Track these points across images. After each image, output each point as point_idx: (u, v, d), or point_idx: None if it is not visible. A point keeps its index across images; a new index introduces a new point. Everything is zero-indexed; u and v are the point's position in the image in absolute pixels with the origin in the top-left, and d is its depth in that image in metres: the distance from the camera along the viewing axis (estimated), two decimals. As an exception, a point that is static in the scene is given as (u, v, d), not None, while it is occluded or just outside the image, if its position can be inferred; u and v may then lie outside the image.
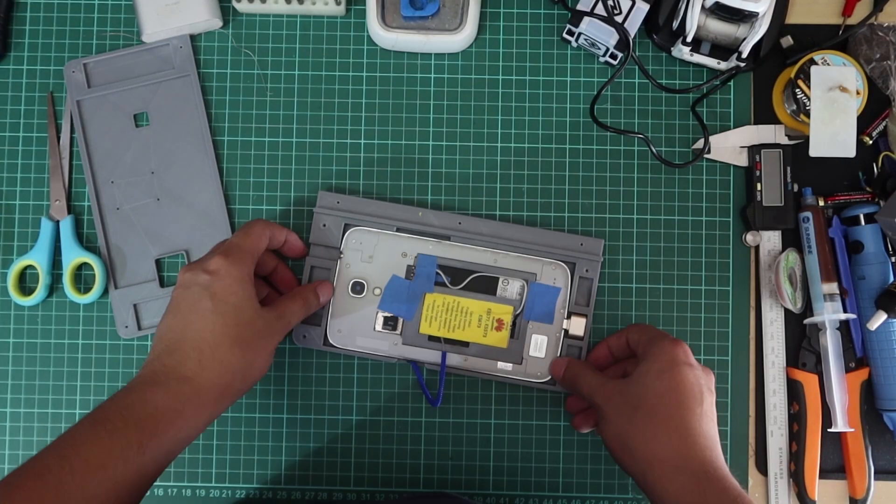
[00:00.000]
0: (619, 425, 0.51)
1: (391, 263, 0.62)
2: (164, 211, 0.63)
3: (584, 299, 0.62)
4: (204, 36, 0.65)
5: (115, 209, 0.63)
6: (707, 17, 0.60)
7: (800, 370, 0.62)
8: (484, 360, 0.61)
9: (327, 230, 0.62)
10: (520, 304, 0.62)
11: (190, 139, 0.63)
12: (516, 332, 0.61)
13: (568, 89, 0.65)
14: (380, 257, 0.62)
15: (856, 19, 0.64)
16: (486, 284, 0.62)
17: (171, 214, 0.63)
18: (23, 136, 0.64)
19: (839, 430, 0.60)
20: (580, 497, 0.62)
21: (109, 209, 0.63)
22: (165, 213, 0.63)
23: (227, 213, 0.63)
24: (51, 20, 0.65)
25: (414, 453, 0.63)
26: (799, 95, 0.60)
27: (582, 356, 0.61)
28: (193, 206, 0.63)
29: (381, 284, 0.62)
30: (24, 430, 0.63)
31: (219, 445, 0.63)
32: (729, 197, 0.64)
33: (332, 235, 0.62)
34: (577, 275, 0.62)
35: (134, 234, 0.63)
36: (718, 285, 0.63)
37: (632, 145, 0.64)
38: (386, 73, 0.65)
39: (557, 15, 0.65)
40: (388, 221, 0.62)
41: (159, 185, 0.63)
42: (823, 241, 0.61)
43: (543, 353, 0.61)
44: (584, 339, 0.61)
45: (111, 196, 0.63)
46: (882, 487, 0.61)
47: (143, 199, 0.63)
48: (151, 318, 0.63)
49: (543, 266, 0.62)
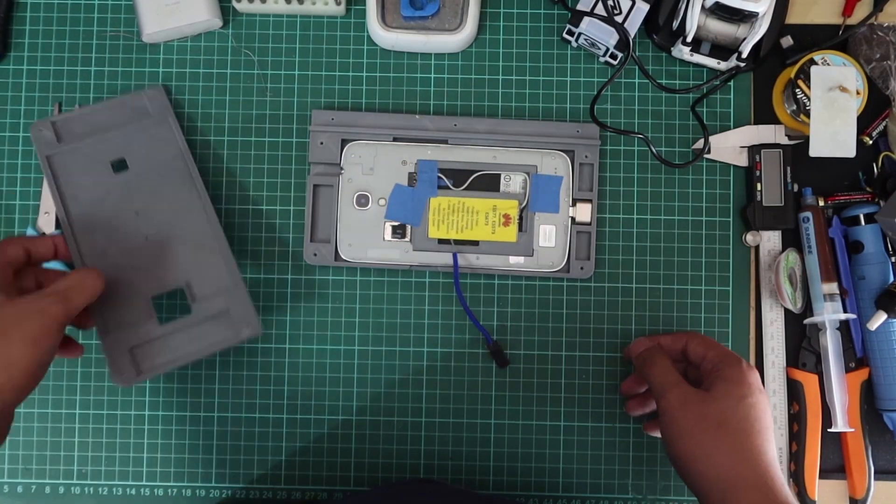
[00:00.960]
0: (697, 438, 0.51)
1: (392, 173, 0.63)
2: (154, 249, 0.59)
3: (587, 185, 0.63)
4: (204, 36, 0.65)
5: (99, 254, 0.58)
6: (707, 17, 0.60)
7: (800, 370, 0.62)
8: (495, 256, 0.62)
9: (325, 147, 0.62)
10: (524, 198, 0.62)
11: (175, 176, 0.60)
12: (524, 225, 0.62)
13: (568, 89, 0.65)
14: (380, 168, 0.63)
15: (856, 19, 0.64)
16: (489, 182, 0.63)
17: (162, 251, 0.59)
18: (22, 136, 0.64)
19: (839, 430, 0.60)
20: (580, 497, 0.62)
21: (93, 256, 0.58)
22: (155, 250, 0.59)
23: (224, 238, 0.59)
24: (51, 20, 0.65)
25: (414, 453, 0.63)
26: (799, 95, 0.60)
27: (591, 243, 0.62)
28: (187, 239, 0.59)
29: (384, 195, 0.62)
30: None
31: (219, 445, 0.63)
32: (729, 197, 0.64)
33: (330, 152, 0.62)
34: (577, 161, 0.62)
35: (123, 276, 0.57)
36: (718, 285, 0.63)
37: (632, 145, 0.64)
38: (386, 73, 0.65)
39: (557, 15, 0.65)
40: (385, 132, 0.63)
41: (146, 224, 0.59)
42: (823, 241, 0.61)
43: (553, 243, 0.62)
44: (591, 225, 0.62)
45: (93, 244, 0.58)
46: (882, 487, 0.61)
47: (130, 240, 0.59)
48: (150, 360, 0.56)
49: (543, 157, 0.63)
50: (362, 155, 0.63)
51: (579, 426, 0.63)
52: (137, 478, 0.63)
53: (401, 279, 0.63)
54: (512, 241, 0.62)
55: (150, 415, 0.63)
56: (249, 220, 0.64)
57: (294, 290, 0.63)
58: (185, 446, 0.63)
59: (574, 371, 0.63)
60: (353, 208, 0.62)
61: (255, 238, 0.64)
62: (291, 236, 0.64)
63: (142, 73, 0.65)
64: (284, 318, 0.63)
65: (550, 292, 0.63)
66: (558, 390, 0.63)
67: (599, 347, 0.63)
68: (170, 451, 0.63)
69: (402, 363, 0.63)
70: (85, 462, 0.63)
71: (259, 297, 0.63)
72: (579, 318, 0.63)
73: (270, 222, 0.64)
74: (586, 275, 0.62)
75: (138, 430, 0.63)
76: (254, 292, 0.63)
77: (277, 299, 0.63)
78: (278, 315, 0.63)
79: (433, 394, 0.63)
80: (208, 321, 0.57)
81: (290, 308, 0.63)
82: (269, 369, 0.63)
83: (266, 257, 0.64)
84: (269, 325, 0.63)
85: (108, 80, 0.65)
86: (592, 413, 0.63)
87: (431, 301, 0.63)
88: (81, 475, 0.63)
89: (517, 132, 0.63)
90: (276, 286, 0.63)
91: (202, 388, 0.63)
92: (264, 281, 0.63)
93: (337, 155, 0.62)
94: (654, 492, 0.62)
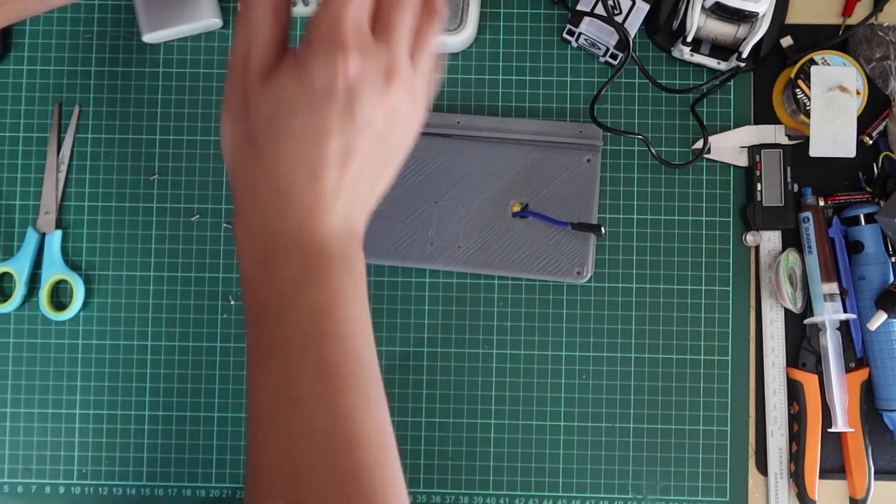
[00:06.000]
0: (237, 151, 0.39)
1: None
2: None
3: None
4: (204, 36, 0.65)
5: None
6: (707, 18, 0.60)
7: (800, 370, 0.62)
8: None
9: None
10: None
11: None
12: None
13: (568, 89, 0.65)
14: None
15: (856, 19, 0.63)
16: None
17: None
18: (23, 137, 0.64)
19: (839, 430, 0.60)
20: (580, 497, 0.62)
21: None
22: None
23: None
24: (51, 20, 0.65)
25: (414, 453, 0.63)
26: (799, 95, 0.60)
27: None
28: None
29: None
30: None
31: (219, 445, 0.63)
32: (729, 197, 0.64)
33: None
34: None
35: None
36: (718, 285, 0.63)
37: (632, 145, 0.64)
38: (386, 73, 0.65)
39: (557, 15, 0.65)
40: None
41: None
42: (823, 241, 0.61)
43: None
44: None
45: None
46: (882, 487, 0.61)
47: None
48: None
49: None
50: None
51: (579, 426, 0.63)
52: (137, 478, 0.63)
53: (401, 279, 0.63)
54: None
55: (150, 415, 0.63)
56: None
57: (294, 290, 0.63)
58: (185, 446, 0.63)
59: (574, 371, 0.63)
60: None
61: (255, 238, 0.64)
62: (291, 236, 0.64)
63: (142, 73, 0.65)
64: (284, 318, 0.63)
65: (550, 292, 0.63)
66: (558, 390, 0.63)
67: (599, 347, 0.63)
68: (170, 451, 0.63)
69: (401, 363, 0.63)
70: (85, 462, 0.63)
71: (259, 297, 0.63)
72: (579, 318, 0.63)
73: (270, 222, 0.64)
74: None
75: (138, 430, 0.63)
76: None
77: (277, 299, 0.63)
78: (278, 315, 0.63)
79: (433, 394, 0.63)
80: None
81: (290, 308, 0.63)
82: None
83: (266, 257, 0.63)
84: (269, 325, 0.63)
85: (108, 80, 0.65)
86: (592, 413, 0.63)
87: (431, 301, 0.63)
88: (81, 475, 0.63)
89: (520, 130, 0.63)
90: (276, 286, 0.63)
91: (202, 388, 0.63)
92: (264, 281, 0.63)
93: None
94: (654, 492, 0.62)
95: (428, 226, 0.62)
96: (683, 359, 0.63)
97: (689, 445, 0.62)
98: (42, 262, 0.63)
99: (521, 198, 0.62)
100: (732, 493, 0.62)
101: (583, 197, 0.62)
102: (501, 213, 0.62)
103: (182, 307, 0.63)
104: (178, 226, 0.64)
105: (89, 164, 0.64)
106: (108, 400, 0.63)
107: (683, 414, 0.63)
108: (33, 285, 0.63)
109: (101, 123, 0.64)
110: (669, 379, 0.63)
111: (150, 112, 0.65)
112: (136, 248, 0.64)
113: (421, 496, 0.62)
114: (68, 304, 0.62)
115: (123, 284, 0.64)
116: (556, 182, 0.62)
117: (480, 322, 0.63)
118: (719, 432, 0.62)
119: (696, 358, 0.63)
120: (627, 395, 0.63)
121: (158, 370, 0.63)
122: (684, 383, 0.63)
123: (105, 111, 0.65)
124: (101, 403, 0.63)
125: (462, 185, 0.62)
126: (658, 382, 0.63)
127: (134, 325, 0.63)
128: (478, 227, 0.62)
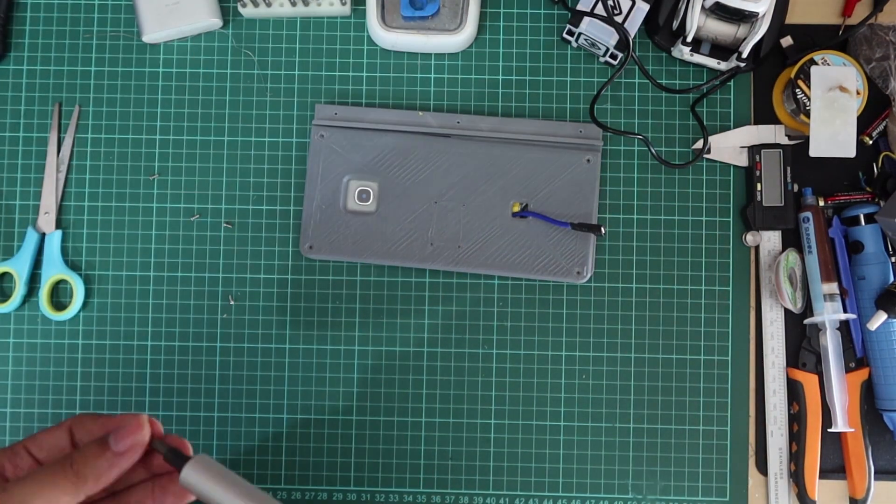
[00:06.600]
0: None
1: None
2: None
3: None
4: (204, 36, 0.65)
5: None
6: (707, 18, 0.60)
7: (800, 370, 0.62)
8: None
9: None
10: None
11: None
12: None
13: (568, 89, 0.65)
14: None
15: (856, 19, 0.64)
16: None
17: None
18: (22, 137, 0.64)
19: (839, 430, 0.60)
20: (580, 497, 0.62)
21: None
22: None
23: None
24: (51, 20, 0.65)
25: (414, 453, 0.63)
26: (799, 95, 0.60)
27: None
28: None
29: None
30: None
31: (219, 445, 0.63)
32: (729, 197, 0.64)
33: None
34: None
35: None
36: (718, 285, 0.63)
37: (632, 145, 0.64)
38: (386, 73, 0.65)
39: (557, 15, 0.65)
40: (387, 127, 0.62)
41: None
42: (823, 241, 0.61)
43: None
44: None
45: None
46: (882, 487, 0.61)
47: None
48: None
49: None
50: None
51: (579, 426, 0.63)
52: (137, 478, 0.63)
53: (401, 279, 0.63)
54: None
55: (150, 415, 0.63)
56: (249, 219, 0.64)
57: (294, 289, 0.63)
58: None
59: (574, 371, 0.63)
60: (355, 202, 0.62)
61: (256, 238, 0.64)
62: (291, 236, 0.64)
63: (142, 73, 0.65)
64: (284, 318, 0.63)
65: (550, 292, 0.63)
66: (558, 390, 0.63)
67: (599, 347, 0.63)
68: (170, 451, 0.63)
69: (402, 363, 0.63)
70: (85, 462, 0.63)
71: (259, 297, 0.63)
72: (579, 318, 0.63)
73: (270, 222, 0.64)
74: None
75: (138, 430, 0.63)
76: (254, 292, 0.63)
77: (277, 299, 0.63)
78: (278, 315, 0.63)
79: (433, 394, 0.63)
80: None
81: (290, 308, 0.63)
82: (269, 369, 0.63)
83: (266, 257, 0.64)
84: (269, 325, 0.63)
85: (108, 80, 0.65)
86: (592, 413, 0.63)
87: (431, 301, 0.63)
88: (81, 475, 0.63)
89: (520, 131, 0.63)
90: (276, 286, 0.63)
91: (203, 387, 0.63)
92: (264, 281, 0.63)
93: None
94: (654, 492, 0.62)
95: (428, 226, 0.62)
96: (683, 359, 0.63)
97: (688, 445, 0.62)
98: (42, 261, 0.63)
99: (521, 198, 0.62)
100: (732, 493, 0.62)
101: (583, 197, 0.62)
102: (501, 213, 0.62)
103: (182, 307, 0.63)
104: (178, 226, 0.64)
105: (89, 164, 0.64)
106: (108, 400, 0.63)
107: (683, 414, 0.63)
108: (33, 285, 0.63)
109: (101, 123, 0.64)
110: (669, 379, 0.63)
111: (150, 112, 0.65)
112: (136, 248, 0.64)
113: (421, 496, 0.63)
114: (68, 303, 0.62)
115: (123, 284, 0.64)
116: (556, 182, 0.62)
117: (480, 322, 0.63)
118: (719, 432, 0.62)
119: (695, 358, 0.63)
120: (627, 395, 0.63)
121: (158, 370, 0.63)
122: (684, 383, 0.63)
123: (105, 111, 0.65)
124: (101, 403, 0.63)
125: (462, 185, 0.62)
126: (658, 382, 0.63)
127: (134, 325, 0.63)
128: (478, 227, 0.62)
